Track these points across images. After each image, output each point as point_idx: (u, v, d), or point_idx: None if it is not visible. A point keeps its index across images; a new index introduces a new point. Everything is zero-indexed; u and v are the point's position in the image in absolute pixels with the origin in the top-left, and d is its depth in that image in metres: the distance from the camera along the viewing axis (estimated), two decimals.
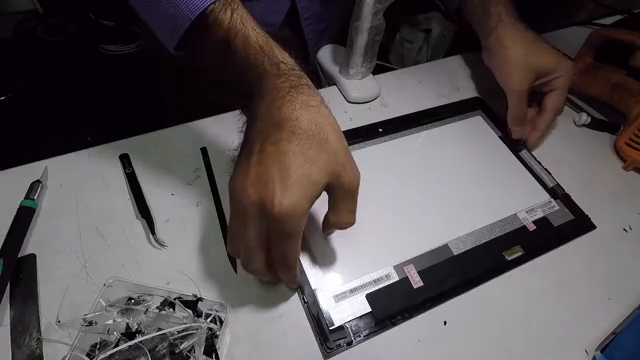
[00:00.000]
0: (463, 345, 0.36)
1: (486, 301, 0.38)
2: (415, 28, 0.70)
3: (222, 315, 0.34)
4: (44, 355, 0.32)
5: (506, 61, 0.49)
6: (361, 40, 0.50)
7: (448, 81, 0.58)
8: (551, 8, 0.54)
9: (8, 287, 0.35)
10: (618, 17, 0.69)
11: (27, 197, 0.40)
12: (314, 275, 0.38)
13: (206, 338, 0.32)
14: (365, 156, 0.47)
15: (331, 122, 0.30)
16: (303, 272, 0.38)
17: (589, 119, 0.55)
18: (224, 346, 0.34)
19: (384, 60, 0.70)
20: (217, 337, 0.33)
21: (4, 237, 0.37)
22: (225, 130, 0.48)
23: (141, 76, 1.68)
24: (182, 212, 0.41)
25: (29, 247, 0.38)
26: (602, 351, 0.35)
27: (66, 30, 1.73)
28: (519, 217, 0.44)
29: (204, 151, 0.46)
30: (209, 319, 0.33)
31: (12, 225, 0.38)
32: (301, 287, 0.37)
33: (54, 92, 1.60)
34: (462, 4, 0.56)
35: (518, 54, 0.48)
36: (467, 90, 0.57)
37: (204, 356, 0.31)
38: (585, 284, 0.40)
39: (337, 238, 0.40)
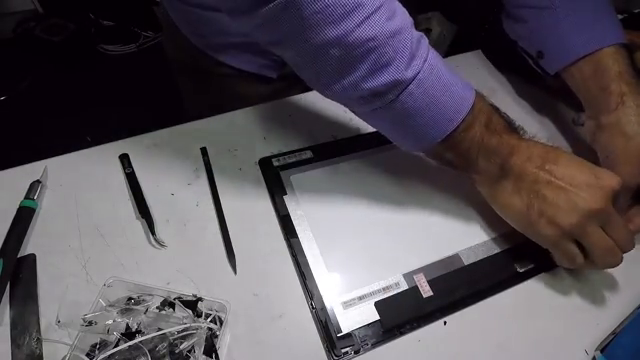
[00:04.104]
0: (463, 345, 0.36)
1: (487, 304, 0.38)
2: (415, 28, 0.70)
3: (222, 315, 0.34)
4: (44, 355, 0.32)
5: (623, 152, 0.42)
6: None
7: None
8: None
9: (8, 287, 0.35)
10: (618, 17, 0.69)
11: (27, 197, 0.40)
12: (323, 281, 0.38)
13: (206, 338, 0.32)
14: (376, 164, 0.47)
15: None
16: (312, 278, 0.38)
17: None
18: (224, 346, 0.34)
19: None
20: (217, 337, 0.33)
21: (4, 237, 0.37)
22: (225, 130, 0.49)
23: (141, 76, 1.68)
24: (182, 212, 0.41)
25: (29, 247, 0.38)
26: (602, 351, 0.35)
27: (66, 30, 1.73)
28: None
29: (204, 151, 0.46)
30: (209, 319, 0.33)
31: (12, 225, 0.38)
32: (310, 292, 0.37)
33: (54, 92, 1.60)
34: (563, 71, 0.48)
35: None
36: None
37: (204, 356, 0.31)
38: (585, 284, 0.40)
39: (347, 244, 0.40)
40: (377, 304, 0.37)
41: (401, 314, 0.36)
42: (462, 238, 0.42)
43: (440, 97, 0.34)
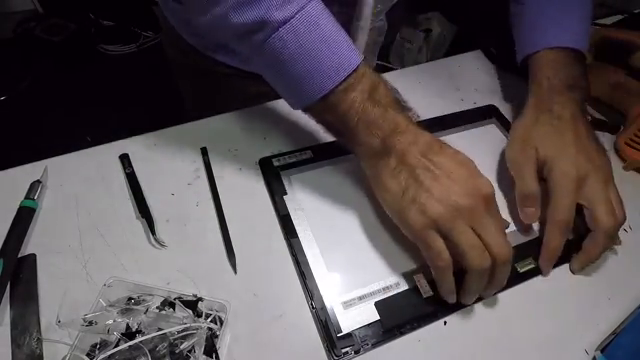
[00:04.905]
0: (463, 345, 0.36)
1: (488, 304, 0.38)
2: (415, 28, 0.70)
3: (222, 315, 0.34)
4: (44, 355, 0.32)
5: (513, 129, 0.47)
6: (362, 40, 0.50)
7: (448, 81, 0.58)
8: None
9: (8, 287, 0.35)
10: (618, 17, 0.69)
11: (27, 197, 0.40)
12: (323, 281, 0.38)
13: (206, 338, 0.32)
14: None
15: None
16: (312, 277, 0.38)
17: (589, 119, 0.55)
18: (224, 346, 0.34)
19: (384, 60, 0.70)
20: (217, 337, 0.33)
21: (4, 237, 0.37)
22: (225, 130, 0.49)
23: (141, 76, 1.68)
24: (182, 212, 0.41)
25: (29, 247, 0.38)
26: (602, 351, 0.35)
27: (66, 30, 1.74)
28: (534, 228, 0.43)
29: (204, 151, 0.46)
30: (209, 319, 0.33)
31: (12, 225, 0.38)
32: (310, 292, 0.37)
33: (54, 92, 1.60)
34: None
35: (526, 128, 0.45)
36: (467, 90, 0.57)
37: (204, 356, 0.31)
38: (585, 284, 0.40)
39: (347, 244, 0.40)
40: (377, 304, 0.37)
41: (401, 314, 0.36)
42: None
43: (319, 51, 0.34)
